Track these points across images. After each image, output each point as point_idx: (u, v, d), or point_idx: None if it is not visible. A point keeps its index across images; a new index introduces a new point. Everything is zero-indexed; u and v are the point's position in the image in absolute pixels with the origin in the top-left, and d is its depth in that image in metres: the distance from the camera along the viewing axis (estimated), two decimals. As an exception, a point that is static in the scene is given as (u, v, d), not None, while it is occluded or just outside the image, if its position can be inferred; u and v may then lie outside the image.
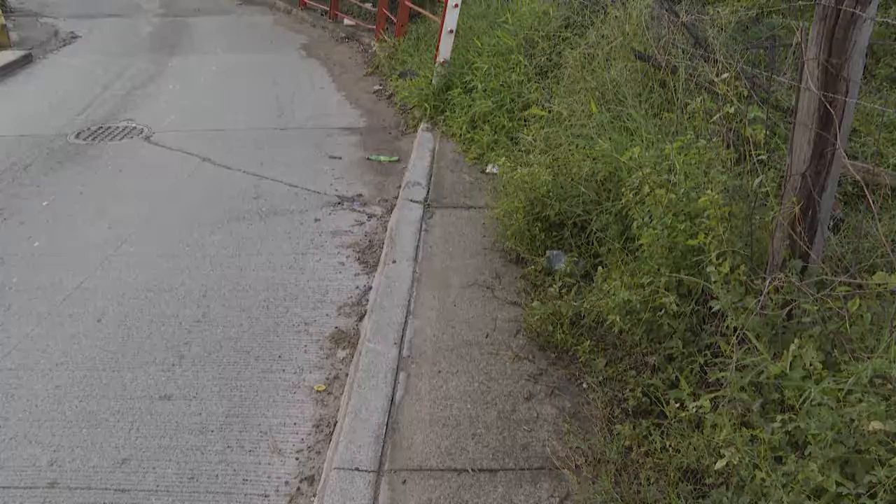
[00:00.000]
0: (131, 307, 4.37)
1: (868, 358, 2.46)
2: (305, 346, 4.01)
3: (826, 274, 2.88)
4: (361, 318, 4.24)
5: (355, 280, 4.67)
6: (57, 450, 3.29)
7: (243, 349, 3.98)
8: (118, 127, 7.72)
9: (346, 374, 3.75)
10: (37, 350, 3.98)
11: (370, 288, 4.54)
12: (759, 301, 2.78)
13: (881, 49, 6.18)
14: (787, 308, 2.82)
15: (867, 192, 2.80)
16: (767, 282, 2.81)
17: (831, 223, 3.44)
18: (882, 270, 2.70)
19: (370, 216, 5.58)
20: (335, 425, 3.38)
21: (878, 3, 2.59)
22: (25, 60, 10.86)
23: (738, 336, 2.76)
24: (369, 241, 5.17)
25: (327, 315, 4.29)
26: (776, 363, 2.57)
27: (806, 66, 2.70)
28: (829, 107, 2.64)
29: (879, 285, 2.56)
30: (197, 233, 5.28)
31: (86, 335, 4.11)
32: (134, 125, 7.75)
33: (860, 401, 2.28)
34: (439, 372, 3.61)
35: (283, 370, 3.81)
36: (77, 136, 7.44)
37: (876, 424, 2.15)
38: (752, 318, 2.79)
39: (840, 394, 2.37)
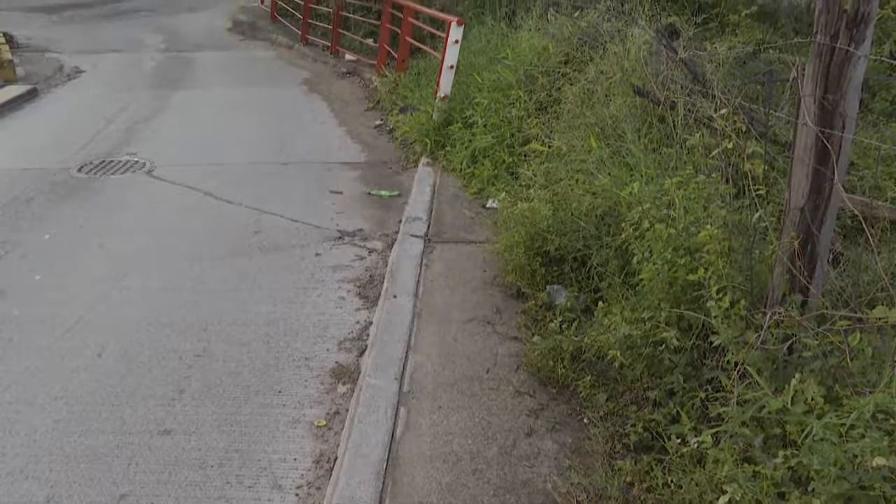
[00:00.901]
0: (132, 341, 4.36)
1: (870, 392, 2.45)
2: (306, 381, 4.00)
3: (826, 308, 2.88)
4: (362, 353, 4.23)
5: (356, 315, 4.67)
6: (54, 485, 3.27)
7: (243, 384, 3.97)
8: (121, 161, 7.76)
9: (347, 410, 3.73)
10: (36, 384, 3.97)
11: (371, 323, 4.53)
12: (759, 336, 2.78)
13: (877, 84, 6.24)
14: (788, 342, 2.82)
15: (865, 226, 2.82)
16: (768, 316, 2.81)
17: (831, 257, 3.44)
18: (882, 304, 2.70)
19: (371, 251, 5.60)
20: (335, 461, 3.36)
21: (871, 40, 2.62)
22: (31, 95, 10.94)
23: (738, 371, 2.76)
24: (370, 275, 5.18)
25: (328, 350, 4.29)
26: (777, 398, 2.57)
27: (803, 102, 2.73)
28: (826, 142, 2.66)
29: (880, 319, 2.56)
30: (198, 267, 5.30)
31: (86, 369, 4.10)
32: (136, 159, 7.80)
33: (863, 436, 2.27)
34: (440, 407, 3.60)
35: (284, 405, 3.80)
36: (80, 169, 7.48)
37: (880, 460, 2.15)
38: (753, 353, 2.79)
39: (842, 429, 2.36)
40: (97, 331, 4.47)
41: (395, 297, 4.64)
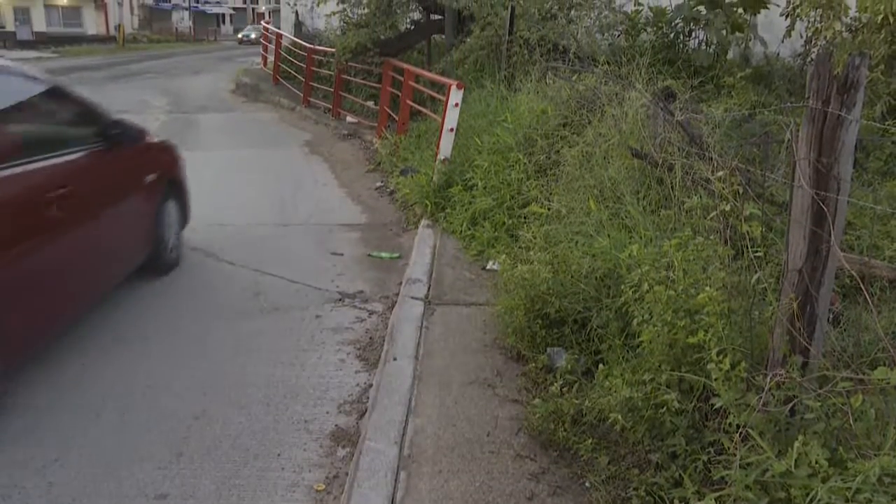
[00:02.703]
0: (129, 402, 4.33)
1: (875, 455, 2.43)
2: (305, 444, 3.97)
3: (827, 369, 2.88)
4: (362, 416, 4.20)
5: (356, 377, 4.65)
6: (49, 552, 3.21)
7: (242, 447, 3.93)
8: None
9: (346, 473, 3.69)
10: (31, 445, 3.92)
11: (371, 385, 4.51)
12: (760, 398, 2.77)
13: (871, 144, 6.33)
14: (790, 404, 2.80)
15: (863, 286, 2.83)
16: (768, 378, 2.80)
17: (831, 317, 3.45)
18: (883, 365, 2.70)
19: (371, 313, 5.60)
20: (334, 526, 3.32)
21: (862, 103, 2.67)
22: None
23: (741, 433, 2.74)
24: (370, 337, 5.17)
25: (327, 413, 4.26)
26: (781, 461, 2.54)
27: (798, 165, 2.77)
28: (821, 204, 2.69)
29: (882, 380, 2.56)
30: (197, 328, 5.28)
31: (82, 430, 4.06)
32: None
33: (870, 501, 2.25)
34: (440, 471, 3.56)
35: (283, 468, 3.75)
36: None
37: (886, 526, 2.12)
38: (755, 415, 2.77)
39: (848, 493, 2.33)
40: (95, 390, 4.43)
41: (395, 359, 4.62)
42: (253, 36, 54.91)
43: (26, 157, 4.26)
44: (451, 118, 8.10)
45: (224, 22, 79.33)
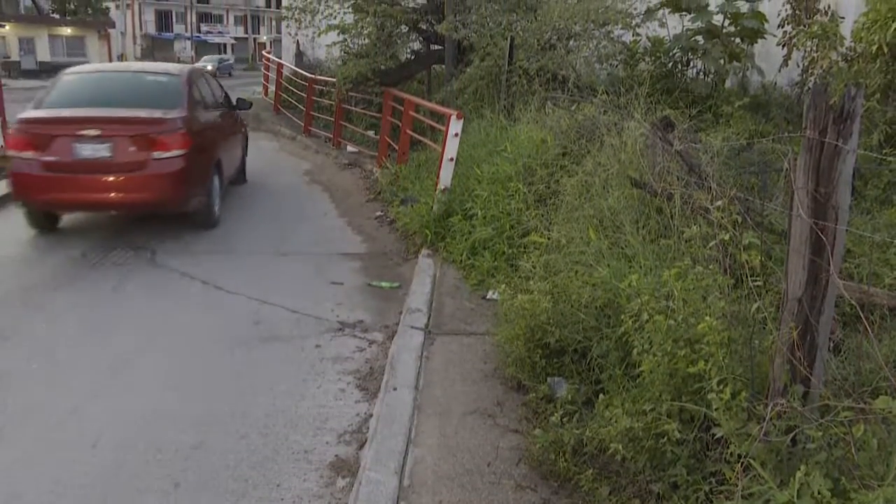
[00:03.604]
0: (127, 432, 4.30)
1: (878, 486, 2.42)
2: (305, 474, 3.94)
3: (828, 398, 2.87)
4: (362, 446, 4.18)
5: (356, 407, 4.63)
6: (46, 586, 3.18)
7: (241, 477, 3.90)
8: (123, 249, 7.79)
9: (346, 504, 3.67)
10: (27, 477, 3.89)
11: (371, 415, 4.49)
12: (761, 427, 2.76)
13: (869, 172, 6.35)
14: (791, 434, 2.79)
15: (862, 315, 2.83)
16: (769, 407, 2.79)
17: (831, 345, 3.44)
18: (885, 394, 2.69)
19: (371, 342, 5.59)
20: (333, 558, 3.29)
21: (859, 132, 2.69)
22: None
23: (742, 463, 2.73)
24: (370, 367, 5.16)
25: (327, 443, 4.24)
26: (783, 491, 2.53)
27: (796, 194, 2.78)
28: (820, 234, 2.70)
29: (883, 410, 2.55)
30: (197, 357, 5.28)
31: (79, 461, 4.03)
32: (139, 248, 7.84)
33: (873, 532, 2.24)
34: (440, 502, 3.54)
35: (282, 499, 3.73)
36: (83, 256, 7.52)
37: (891, 557, 2.10)
38: (756, 445, 2.76)
39: (852, 525, 2.32)
40: (92, 421, 4.41)
41: (395, 389, 4.61)
42: (209, 67, 54.98)
43: (218, 108, 9.88)
44: (451, 148, 8.13)
45: (226, 51, 79.86)
